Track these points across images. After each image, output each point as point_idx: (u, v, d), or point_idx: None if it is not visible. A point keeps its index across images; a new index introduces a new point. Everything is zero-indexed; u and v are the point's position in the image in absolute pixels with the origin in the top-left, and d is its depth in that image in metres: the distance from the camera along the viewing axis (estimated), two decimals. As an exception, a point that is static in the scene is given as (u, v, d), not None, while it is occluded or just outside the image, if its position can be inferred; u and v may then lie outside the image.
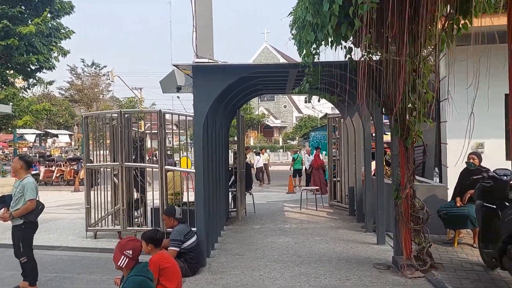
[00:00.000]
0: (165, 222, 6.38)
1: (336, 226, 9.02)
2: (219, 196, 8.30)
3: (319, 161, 15.81)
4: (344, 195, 10.98)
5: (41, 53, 23.94)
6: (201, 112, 6.36)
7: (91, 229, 9.15)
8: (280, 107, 69.61)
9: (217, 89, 6.31)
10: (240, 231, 8.85)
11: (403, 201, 5.87)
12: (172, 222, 6.26)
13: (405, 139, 5.79)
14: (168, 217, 6.29)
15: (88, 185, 9.39)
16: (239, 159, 9.34)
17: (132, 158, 9.12)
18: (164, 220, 6.40)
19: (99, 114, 9.84)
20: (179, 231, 6.15)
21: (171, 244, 6.04)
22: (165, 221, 6.37)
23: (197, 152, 6.45)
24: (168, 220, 6.28)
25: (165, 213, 6.44)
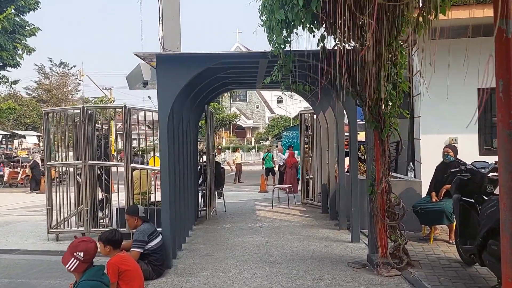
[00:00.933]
0: (129, 222, 5.93)
1: (309, 224, 8.75)
2: (187, 195, 7.91)
3: (293, 160, 15.59)
4: (317, 193, 10.74)
5: (5, 49, 22.96)
6: (166, 105, 5.97)
7: (53, 231, 8.65)
8: (253, 107, 69.42)
9: (181, 81, 5.93)
10: (209, 230, 8.47)
11: (378, 196, 5.63)
12: (136, 221, 5.83)
13: (380, 132, 5.55)
14: (131, 217, 5.86)
15: (49, 185, 8.87)
16: (208, 157, 8.95)
17: (97, 156, 8.63)
18: (128, 220, 5.94)
19: (60, 110, 9.27)
20: (142, 231, 5.73)
21: (133, 245, 5.62)
22: (129, 221, 5.92)
23: (162, 148, 6.05)
24: (132, 219, 5.85)
25: (128, 213, 6.00)
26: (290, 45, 5.63)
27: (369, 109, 5.57)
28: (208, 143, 8.94)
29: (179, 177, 6.97)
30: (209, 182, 8.98)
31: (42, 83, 49.15)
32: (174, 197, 6.51)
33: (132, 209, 6.02)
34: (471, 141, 8.70)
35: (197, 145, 9.73)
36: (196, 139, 9.46)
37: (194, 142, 9.18)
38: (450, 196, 6.38)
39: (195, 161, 9.51)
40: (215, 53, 5.91)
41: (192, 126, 8.62)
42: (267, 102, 70.28)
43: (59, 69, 49.36)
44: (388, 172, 5.68)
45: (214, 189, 9.76)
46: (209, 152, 8.96)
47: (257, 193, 15.25)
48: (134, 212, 5.88)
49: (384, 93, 5.30)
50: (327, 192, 9.73)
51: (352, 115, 7.13)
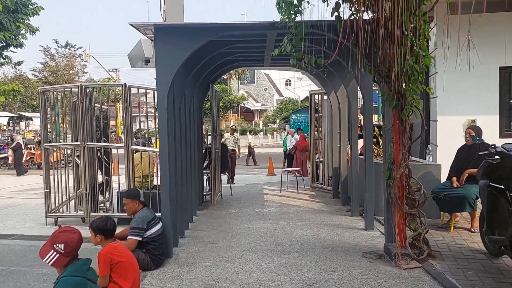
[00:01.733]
0: (128, 206, 5.42)
1: (320, 210, 8.29)
2: (190, 178, 7.47)
3: (304, 143, 15.10)
4: (327, 176, 10.26)
5: (7, 29, 22.50)
6: (164, 81, 5.47)
7: (51, 215, 8.31)
8: (261, 90, 68.71)
9: (181, 55, 5.42)
10: (214, 216, 8.05)
11: (397, 181, 5.13)
12: (136, 206, 5.37)
13: (401, 111, 5.03)
14: (131, 201, 5.35)
15: (47, 167, 8.49)
16: (213, 139, 8.47)
17: (96, 137, 8.22)
18: (127, 204, 5.40)
19: (57, 88, 8.83)
20: (141, 218, 5.30)
21: (131, 233, 5.20)
22: (128, 206, 5.41)
23: (160, 127, 5.58)
24: (132, 204, 5.36)
25: (128, 196, 5.46)
26: (301, 15, 5.10)
27: (389, 85, 5.04)
28: (213, 124, 8.45)
29: (180, 159, 6.53)
30: (215, 165, 8.52)
31: (48, 64, 48.75)
32: (175, 180, 6.07)
33: (133, 193, 5.56)
34: (491, 123, 8.15)
35: (202, 125, 9.26)
36: (200, 120, 8.99)
37: (199, 123, 8.71)
38: (472, 181, 5.90)
39: (200, 142, 9.06)
40: (217, 24, 5.38)
41: (196, 106, 8.13)
42: (275, 84, 69.50)
43: (65, 51, 48.88)
44: (408, 155, 5.17)
45: (220, 172, 9.31)
46: (214, 133, 8.48)
47: (265, 176, 14.81)
48: (135, 196, 5.42)
49: (405, 68, 4.76)
50: (338, 176, 9.25)
51: (368, 93, 6.59)
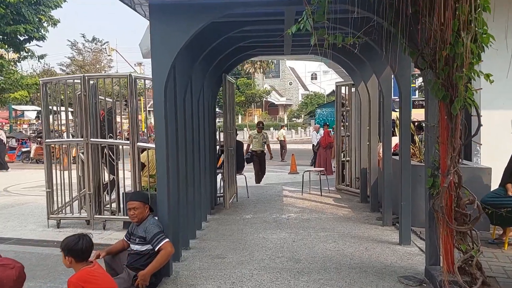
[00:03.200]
0: (138, 211, 4.43)
1: (345, 217, 7.30)
2: (199, 179, 6.62)
3: (328, 139, 14.08)
4: (354, 177, 9.24)
5: (29, 22, 22.22)
6: (161, 69, 4.61)
7: (54, 217, 7.67)
8: (286, 84, 67.62)
9: (180, 39, 4.54)
10: (226, 222, 7.17)
11: (443, 192, 4.11)
12: (147, 212, 4.51)
13: (451, 103, 4.00)
14: (143, 205, 4.45)
15: (49, 165, 7.81)
16: (226, 135, 7.58)
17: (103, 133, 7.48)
18: (138, 208, 4.44)
19: (59, 79, 8.12)
20: (157, 222, 4.53)
21: (160, 238, 4.31)
22: (137, 211, 4.43)
23: (157, 120, 4.72)
24: (143, 209, 4.42)
25: (139, 199, 4.52)
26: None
27: (435, 72, 4.02)
28: (227, 119, 7.55)
29: (185, 157, 5.66)
30: (228, 165, 7.63)
31: (75, 59, 48.98)
32: (177, 182, 5.21)
33: (145, 196, 4.73)
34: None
35: (215, 121, 8.38)
36: (213, 114, 8.11)
37: (211, 117, 7.84)
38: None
39: (213, 139, 8.19)
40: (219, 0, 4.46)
41: (207, 98, 7.25)
42: (300, 78, 68.26)
43: (91, 45, 48.97)
44: (459, 159, 4.15)
45: (234, 172, 8.41)
46: (227, 130, 7.58)
47: (287, 174, 13.87)
48: (147, 200, 4.56)
49: (460, 48, 3.73)
50: (366, 178, 8.24)
51: (405, 83, 5.55)
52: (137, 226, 4.53)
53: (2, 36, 22.16)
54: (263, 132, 12.12)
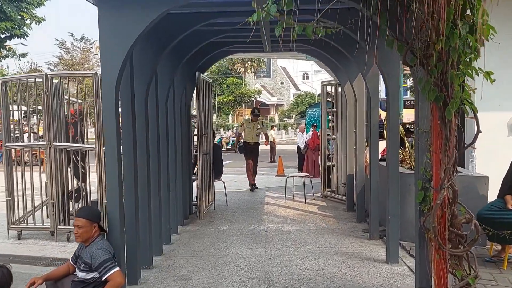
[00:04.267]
0: (83, 230, 3.75)
1: (329, 229, 6.69)
2: (167, 189, 5.99)
3: (317, 141, 13.49)
4: (341, 183, 8.65)
5: (11, 19, 21.42)
6: (111, 63, 3.99)
7: (14, 227, 7.01)
8: (277, 83, 67.10)
9: (133, 31, 3.92)
10: (199, 234, 6.54)
11: (436, 209, 3.52)
12: (94, 231, 3.86)
13: (444, 106, 3.41)
14: (90, 223, 3.78)
15: (9, 171, 7.17)
16: (200, 139, 6.94)
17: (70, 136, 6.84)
18: (82, 227, 3.75)
19: (20, 78, 7.45)
20: (108, 246, 3.83)
21: (109, 266, 3.65)
22: (83, 229, 3.75)
23: (107, 125, 4.09)
24: (90, 227, 3.78)
25: (86, 216, 3.82)
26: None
27: (427, 69, 3.42)
28: (200, 121, 6.92)
29: (147, 164, 5.02)
30: (202, 171, 6.99)
31: (63, 58, 48.05)
32: (136, 193, 4.58)
33: (95, 213, 3.95)
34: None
35: (189, 122, 7.74)
36: (187, 115, 7.47)
37: (184, 119, 7.20)
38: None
39: (188, 142, 7.56)
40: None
41: (178, 99, 6.62)
42: (292, 78, 67.78)
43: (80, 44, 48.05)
44: (454, 171, 3.55)
45: (211, 179, 7.78)
46: (200, 133, 6.94)
47: (274, 177, 13.25)
48: (97, 217, 3.91)
49: (454, 41, 3.14)
50: (353, 185, 7.65)
51: (393, 81, 4.95)
52: (85, 247, 3.90)
53: (-19, 34, 21.38)
54: (259, 120, 10.32)
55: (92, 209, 4.11)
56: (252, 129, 10.16)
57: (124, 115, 4.55)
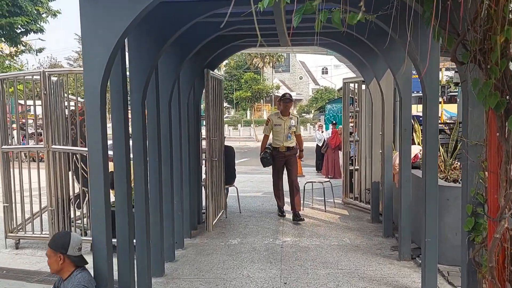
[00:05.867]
0: (48, 261, 3.30)
1: (353, 245, 5.96)
2: (170, 200, 5.36)
3: (337, 140, 12.75)
4: (365, 190, 7.90)
5: (27, 13, 21.17)
6: (95, 58, 3.36)
7: (12, 235, 6.56)
8: (296, 78, 66.25)
9: (122, 21, 3.28)
10: (207, 249, 5.89)
11: (495, 244, 2.80)
12: (61, 263, 3.24)
13: (507, 114, 2.66)
14: (54, 253, 3.25)
15: (7, 175, 6.68)
16: (209, 142, 6.28)
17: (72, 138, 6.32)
18: (48, 257, 3.29)
19: (17, 76, 6.93)
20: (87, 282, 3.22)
21: None
22: (48, 260, 3.28)
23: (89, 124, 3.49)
24: (55, 258, 3.24)
25: (49, 244, 3.35)
26: None
27: (484, 67, 2.68)
28: (209, 122, 6.25)
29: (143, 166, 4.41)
30: (211, 179, 6.34)
31: (83, 52, 48.15)
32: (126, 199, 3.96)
33: (58, 240, 3.33)
34: None
35: (198, 124, 7.09)
36: (195, 116, 6.82)
37: (192, 120, 6.56)
38: None
39: (197, 146, 6.92)
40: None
41: (184, 98, 5.98)
42: (311, 73, 66.80)
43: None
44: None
45: (222, 186, 7.12)
46: (210, 136, 6.28)
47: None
48: (60, 246, 3.27)
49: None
50: (379, 193, 6.90)
51: (432, 79, 4.18)
52: (63, 281, 3.30)
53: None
54: (292, 114, 7.35)
55: (57, 236, 3.49)
56: (283, 127, 7.14)
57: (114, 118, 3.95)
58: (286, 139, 7.17)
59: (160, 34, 4.30)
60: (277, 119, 7.27)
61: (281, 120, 7.22)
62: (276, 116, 7.33)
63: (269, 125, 7.29)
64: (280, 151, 7.20)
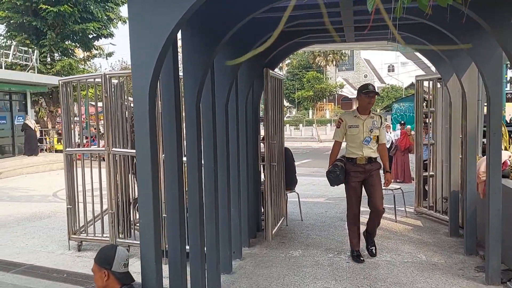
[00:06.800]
0: (94, 277, 3.12)
1: (430, 263, 5.28)
2: (226, 207, 5.03)
3: (407, 142, 11.92)
4: (441, 198, 7.13)
5: (98, 19, 22.13)
6: (142, 60, 3.10)
7: (75, 237, 6.62)
8: (360, 76, 64.50)
9: (168, 19, 2.99)
10: (266, 261, 5.48)
11: None
12: (106, 280, 3.02)
13: None
14: (99, 269, 3.06)
15: (70, 177, 6.76)
16: (268, 147, 5.88)
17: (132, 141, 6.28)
18: (93, 272, 3.10)
19: (79, 79, 6.99)
20: None
21: None
22: (94, 276, 3.11)
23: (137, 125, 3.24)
24: (99, 273, 3.04)
25: (95, 259, 3.15)
26: None
27: None
28: (268, 125, 5.86)
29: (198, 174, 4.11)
30: (270, 185, 5.94)
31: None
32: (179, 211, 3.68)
33: (103, 255, 3.13)
34: None
35: (257, 126, 6.72)
36: (254, 118, 6.45)
37: (251, 123, 6.20)
38: None
39: (254, 150, 6.56)
40: None
41: (243, 99, 5.63)
42: (376, 71, 64.74)
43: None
44: None
45: (283, 191, 6.70)
46: (269, 139, 5.88)
47: (356, 183, 11.86)
48: (105, 261, 3.07)
49: None
50: (458, 204, 6.15)
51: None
52: None
53: (71, 35, 22.24)
54: (373, 113, 5.34)
55: (103, 250, 3.24)
56: (361, 130, 5.23)
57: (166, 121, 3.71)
58: (366, 146, 5.23)
59: (214, 32, 3.97)
60: (352, 119, 5.29)
61: (358, 121, 5.24)
62: (352, 115, 5.37)
63: (342, 127, 5.33)
64: (357, 163, 5.24)
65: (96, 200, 6.33)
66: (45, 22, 20.95)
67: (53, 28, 21.45)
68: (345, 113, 5.77)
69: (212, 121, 4.45)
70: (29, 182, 13.73)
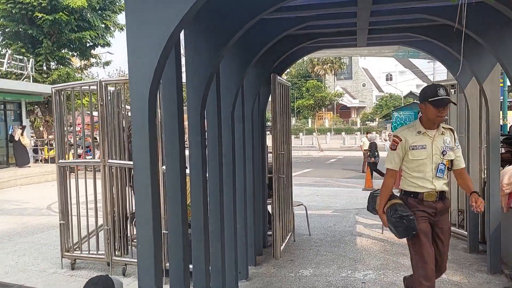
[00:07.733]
0: None
1: (452, 283, 4.87)
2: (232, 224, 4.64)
3: None
4: (457, 211, 6.74)
5: (94, 28, 21.82)
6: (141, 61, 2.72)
7: (68, 255, 6.16)
8: (359, 85, 64.43)
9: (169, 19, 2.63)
10: (274, 282, 5.05)
11: None
12: None
13: None
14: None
15: (63, 191, 6.38)
16: (276, 156, 5.50)
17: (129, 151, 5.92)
18: None
19: (73, 86, 6.62)
20: None
21: None
22: None
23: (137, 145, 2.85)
24: None
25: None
26: None
27: None
28: (276, 133, 5.48)
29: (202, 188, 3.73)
30: (278, 198, 5.55)
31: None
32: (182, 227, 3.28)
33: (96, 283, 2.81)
34: None
35: (264, 135, 6.34)
36: (260, 126, 6.07)
37: (258, 131, 5.82)
38: None
39: (261, 160, 6.17)
40: None
41: (249, 106, 5.26)
42: (374, 79, 64.71)
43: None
44: None
45: (291, 205, 6.30)
46: (276, 149, 5.50)
47: (361, 191, 11.52)
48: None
49: None
50: (478, 219, 5.77)
51: None
52: None
53: (68, 44, 21.93)
54: (444, 127, 3.67)
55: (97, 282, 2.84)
56: (429, 152, 3.58)
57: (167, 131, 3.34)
58: (438, 175, 3.59)
59: (219, 33, 3.60)
60: (416, 136, 3.60)
61: (425, 139, 3.60)
62: (414, 131, 3.64)
63: (400, 149, 3.62)
64: (425, 200, 3.60)
65: (91, 214, 5.91)
66: (41, 31, 20.63)
67: (49, 36, 21.12)
68: (403, 130, 3.75)
69: (218, 131, 4.07)
70: (23, 194, 13.27)
